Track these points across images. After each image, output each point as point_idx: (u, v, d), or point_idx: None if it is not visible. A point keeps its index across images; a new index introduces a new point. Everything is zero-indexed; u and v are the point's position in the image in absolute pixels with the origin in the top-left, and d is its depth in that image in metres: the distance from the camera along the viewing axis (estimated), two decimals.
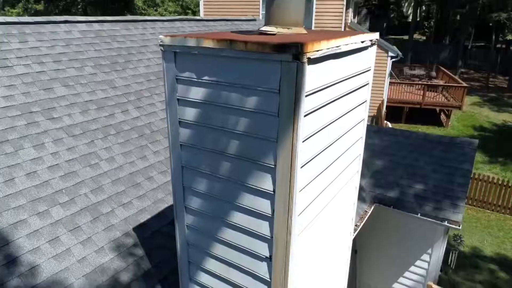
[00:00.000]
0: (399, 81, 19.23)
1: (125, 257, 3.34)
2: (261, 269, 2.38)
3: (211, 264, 2.67)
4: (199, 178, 2.47)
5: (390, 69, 16.92)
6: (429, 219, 5.58)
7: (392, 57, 16.50)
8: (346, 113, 2.55)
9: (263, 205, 2.22)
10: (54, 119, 3.93)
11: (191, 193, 2.55)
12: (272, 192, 2.15)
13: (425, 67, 23.56)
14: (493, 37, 26.84)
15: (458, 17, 29.21)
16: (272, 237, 2.25)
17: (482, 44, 34.50)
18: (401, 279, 6.70)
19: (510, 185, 10.76)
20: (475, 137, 13.70)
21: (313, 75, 1.93)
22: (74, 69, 4.59)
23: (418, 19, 35.52)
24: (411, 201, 5.84)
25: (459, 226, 5.42)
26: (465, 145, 6.18)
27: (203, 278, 2.77)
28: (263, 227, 2.28)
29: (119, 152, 4.11)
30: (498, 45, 30.98)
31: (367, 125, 3.74)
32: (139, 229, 3.60)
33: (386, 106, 17.49)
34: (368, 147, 6.75)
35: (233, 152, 2.24)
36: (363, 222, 5.54)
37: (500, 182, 10.91)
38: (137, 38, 5.89)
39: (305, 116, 1.96)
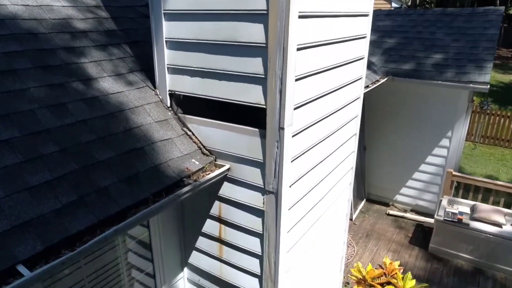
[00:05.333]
0: None
1: (83, 11, 2.59)
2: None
3: None
4: None
5: None
6: (452, 83, 4.84)
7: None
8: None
9: None
10: None
11: None
12: None
13: None
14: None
15: None
16: None
17: None
18: (415, 174, 5.93)
19: None
20: None
21: None
22: None
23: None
24: (429, 70, 5.10)
25: (487, 86, 4.69)
26: (489, 12, 5.46)
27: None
28: None
29: None
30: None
31: (376, 10, 3.40)
32: None
33: None
34: (377, 28, 6.02)
35: None
36: (375, 86, 4.80)
37: None
38: None
39: None
